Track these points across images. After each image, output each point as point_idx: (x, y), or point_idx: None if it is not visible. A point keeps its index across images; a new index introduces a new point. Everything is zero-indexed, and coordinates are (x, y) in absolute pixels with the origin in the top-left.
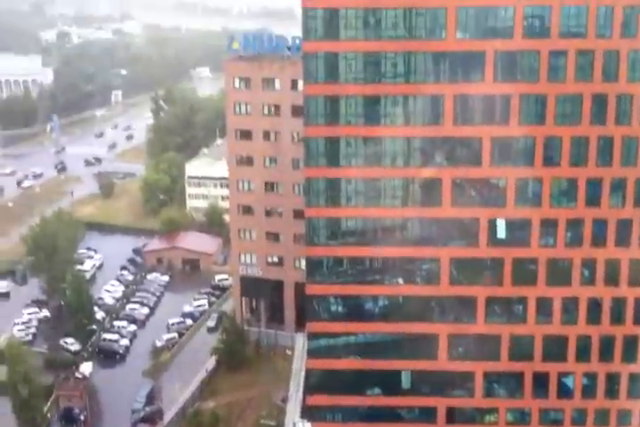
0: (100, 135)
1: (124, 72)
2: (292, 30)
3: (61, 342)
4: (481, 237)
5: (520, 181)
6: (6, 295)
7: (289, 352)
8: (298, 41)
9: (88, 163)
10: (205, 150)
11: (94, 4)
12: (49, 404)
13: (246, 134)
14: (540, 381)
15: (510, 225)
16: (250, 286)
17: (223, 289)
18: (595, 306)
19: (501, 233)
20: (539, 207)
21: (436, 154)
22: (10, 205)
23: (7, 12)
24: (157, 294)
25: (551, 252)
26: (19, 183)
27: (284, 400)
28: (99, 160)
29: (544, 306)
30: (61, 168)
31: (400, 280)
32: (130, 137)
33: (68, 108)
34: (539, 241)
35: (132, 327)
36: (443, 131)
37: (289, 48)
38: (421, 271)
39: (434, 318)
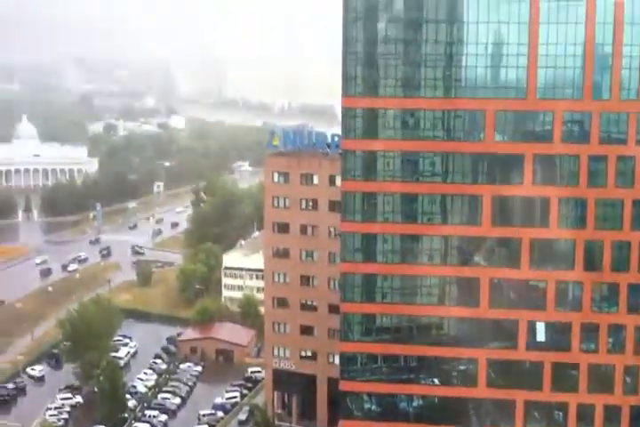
0: (134, 227)
1: (166, 164)
2: (332, 127)
3: None
4: (520, 339)
5: (560, 284)
6: (41, 379)
7: None
8: (337, 138)
9: (135, 252)
10: (242, 242)
11: (141, 99)
12: None
13: (283, 227)
14: None
15: (550, 328)
16: (282, 380)
17: (256, 382)
18: (638, 415)
19: (541, 336)
20: (579, 311)
21: (474, 253)
22: (50, 289)
23: (58, 104)
24: (190, 384)
25: (592, 357)
26: (64, 267)
27: None
28: (140, 248)
29: (585, 413)
30: (106, 253)
31: (436, 380)
32: (169, 227)
33: (111, 197)
34: (580, 346)
35: (164, 417)
36: (480, 231)
37: (328, 145)
38: (458, 372)
39: (471, 421)
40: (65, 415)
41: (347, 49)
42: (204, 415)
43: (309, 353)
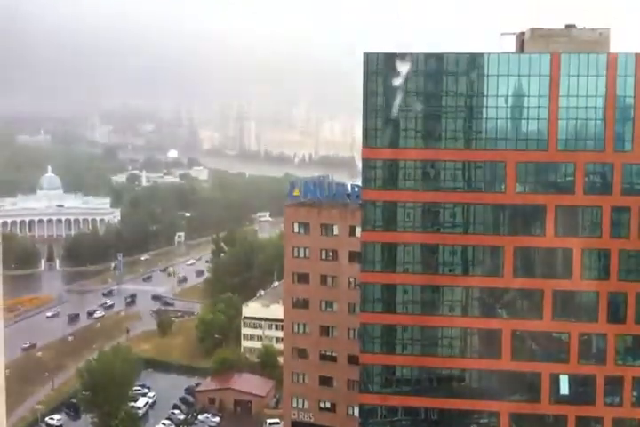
0: (148, 279)
1: (188, 214)
2: (353, 178)
3: None
4: (543, 392)
5: (583, 336)
6: None
7: None
8: (357, 189)
9: (164, 303)
10: (262, 292)
11: (164, 151)
12: None
13: (303, 277)
14: None
15: (573, 381)
16: None
17: None
18: None
19: (564, 389)
20: (603, 364)
21: (496, 305)
22: (70, 338)
23: (83, 156)
24: None
25: (617, 411)
26: (90, 314)
27: None
28: (166, 298)
29: None
30: (130, 301)
31: None
32: (188, 277)
33: (133, 247)
34: (604, 399)
35: None
36: (502, 282)
37: (348, 195)
38: (479, 425)
39: None
40: None
41: (367, 101)
42: None
43: (328, 405)
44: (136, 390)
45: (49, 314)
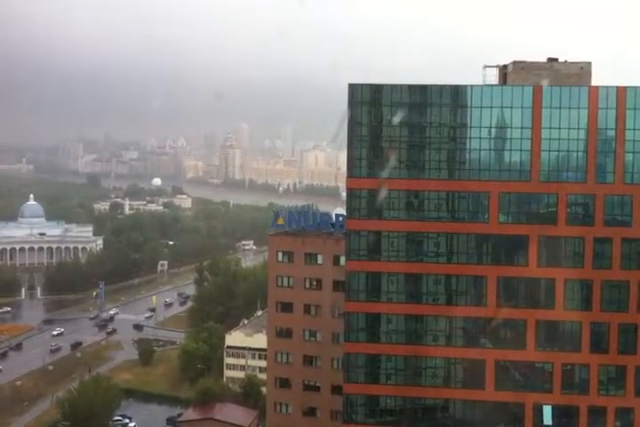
0: (110, 319)
1: (171, 243)
2: (337, 207)
3: None
4: (526, 422)
5: (567, 367)
6: None
7: None
8: (341, 218)
9: (137, 327)
10: (245, 321)
11: (148, 180)
12: None
13: (287, 307)
14: None
15: (557, 411)
16: None
17: None
18: None
19: (548, 420)
20: (586, 394)
21: (479, 334)
22: (50, 368)
23: (66, 185)
24: None
25: None
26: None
27: None
28: (141, 327)
29: None
30: (111, 331)
31: None
32: (172, 305)
33: (115, 275)
34: None
35: None
36: (486, 312)
37: (332, 225)
38: None
39: None
40: None
41: (352, 132)
42: None
43: None
44: (117, 421)
45: (13, 344)
